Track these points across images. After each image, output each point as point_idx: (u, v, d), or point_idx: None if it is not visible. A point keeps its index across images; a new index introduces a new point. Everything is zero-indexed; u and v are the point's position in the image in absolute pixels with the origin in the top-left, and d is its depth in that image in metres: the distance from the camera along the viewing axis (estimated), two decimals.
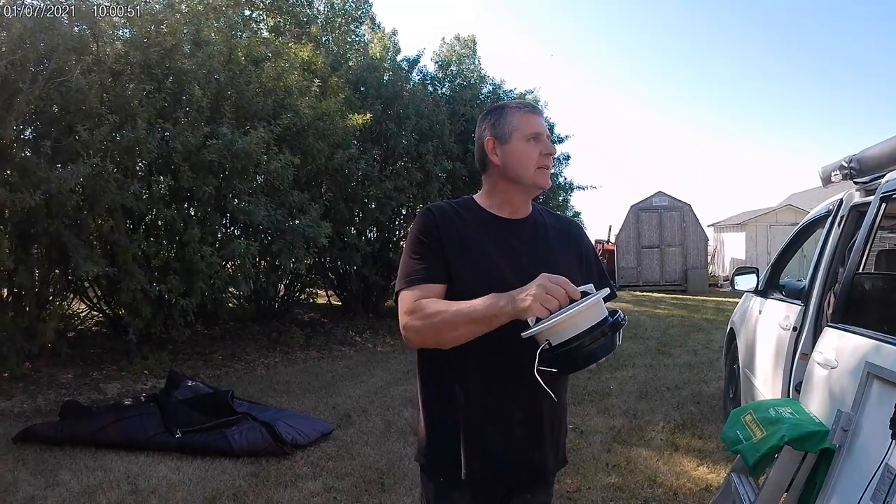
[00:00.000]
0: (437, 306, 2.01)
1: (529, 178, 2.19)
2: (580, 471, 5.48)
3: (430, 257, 2.12)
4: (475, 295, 1.96)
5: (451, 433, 2.16)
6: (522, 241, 2.24)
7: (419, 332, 2.03)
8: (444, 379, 2.17)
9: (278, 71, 10.80)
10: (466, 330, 1.96)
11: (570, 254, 2.33)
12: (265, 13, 17.09)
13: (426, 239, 2.15)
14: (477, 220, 2.23)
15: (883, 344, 2.86)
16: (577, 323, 1.75)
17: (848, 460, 2.77)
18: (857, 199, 4.20)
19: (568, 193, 17.93)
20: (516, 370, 2.01)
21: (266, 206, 9.53)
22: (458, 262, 2.12)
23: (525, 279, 1.94)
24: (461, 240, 2.16)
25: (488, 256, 2.16)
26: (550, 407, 2.21)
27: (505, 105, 2.28)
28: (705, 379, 8.96)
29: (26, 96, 7.32)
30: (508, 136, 2.20)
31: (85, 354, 9.42)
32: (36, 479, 5.33)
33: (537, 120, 2.22)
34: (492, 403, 2.13)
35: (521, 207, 2.28)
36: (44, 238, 7.84)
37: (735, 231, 27.47)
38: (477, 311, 1.91)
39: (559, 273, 2.10)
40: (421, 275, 2.10)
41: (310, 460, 5.82)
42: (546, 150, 2.20)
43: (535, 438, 2.20)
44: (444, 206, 2.27)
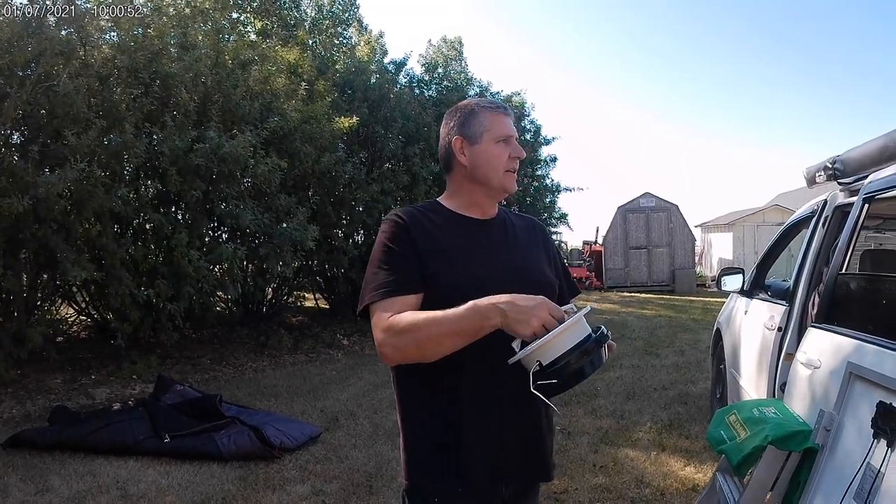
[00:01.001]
0: (416, 320, 1.90)
1: (497, 180, 2.14)
2: (567, 471, 5.51)
3: (403, 267, 2.03)
4: (456, 301, 1.87)
5: (442, 445, 2.05)
6: (496, 243, 2.18)
7: (399, 349, 1.93)
8: (430, 387, 2.05)
9: (265, 74, 10.81)
10: (451, 343, 1.88)
11: (541, 254, 2.29)
12: (252, 16, 17.09)
13: (398, 247, 2.05)
14: (447, 223, 2.15)
15: (864, 344, 2.89)
16: (564, 341, 1.74)
17: (831, 459, 2.79)
18: (842, 199, 4.23)
19: (555, 195, 18.00)
20: (510, 367, 1.87)
21: (253, 209, 9.53)
22: (436, 269, 2.03)
23: (506, 281, 1.94)
24: (436, 244, 2.07)
25: (467, 260, 2.09)
26: (545, 405, 2.09)
27: (474, 103, 2.22)
28: (692, 379, 9.00)
29: (14, 101, 7.32)
30: (479, 136, 2.14)
31: (73, 359, 9.40)
32: (26, 485, 5.33)
33: (508, 121, 2.18)
34: (487, 404, 2.04)
35: (488, 209, 2.23)
36: (31, 243, 7.82)
37: (722, 231, 27.60)
38: (462, 325, 1.84)
39: (535, 273, 2.19)
40: (394, 286, 2.00)
41: (298, 464, 5.84)
42: (515, 154, 2.15)
43: (535, 435, 2.15)
44: (412, 210, 2.17)
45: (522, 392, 1.89)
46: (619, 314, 16.93)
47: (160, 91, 9.05)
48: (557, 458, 5.62)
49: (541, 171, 18.17)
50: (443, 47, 21.56)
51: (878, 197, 3.40)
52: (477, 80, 17.44)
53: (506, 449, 2.07)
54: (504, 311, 1.77)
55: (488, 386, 2.02)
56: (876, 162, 3.54)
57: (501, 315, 1.78)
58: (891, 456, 2.36)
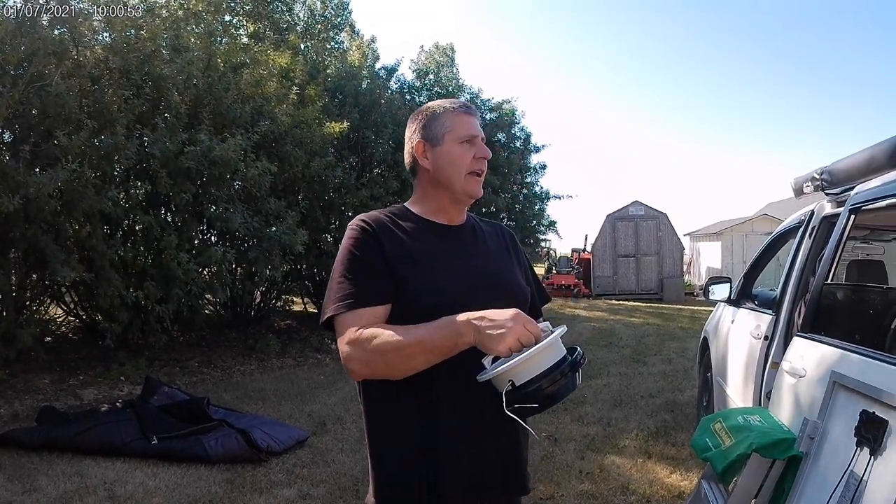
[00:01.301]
0: (386, 336, 1.79)
1: (460, 184, 2.04)
2: (553, 478, 5.53)
3: (370, 276, 1.92)
4: (428, 311, 1.81)
5: (416, 458, 1.93)
6: (468, 250, 2.10)
7: (367, 364, 1.83)
8: (402, 396, 1.92)
9: (257, 78, 10.83)
10: (423, 360, 1.78)
11: (511, 260, 2.21)
12: (245, 19, 17.10)
13: (364, 255, 1.94)
14: (417, 229, 2.05)
15: (848, 353, 2.93)
16: (539, 362, 1.66)
17: (814, 467, 2.83)
18: (829, 210, 4.27)
19: (544, 203, 18.05)
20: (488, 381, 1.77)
21: (243, 213, 9.54)
22: (406, 277, 1.92)
23: (479, 289, 1.91)
24: (406, 251, 1.97)
25: (438, 268, 1.99)
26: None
27: (436, 105, 2.12)
28: (680, 387, 9.04)
29: (6, 100, 7.31)
30: (440, 137, 2.05)
31: (62, 360, 9.38)
32: (13, 485, 5.33)
33: (472, 121, 2.07)
34: (466, 416, 1.93)
35: (455, 216, 2.12)
36: (21, 243, 7.82)
37: (711, 240, 27.66)
38: (434, 342, 1.75)
39: (510, 280, 2.12)
40: (361, 297, 1.88)
41: (285, 467, 5.84)
42: (480, 154, 2.05)
43: (514, 448, 2.05)
44: (380, 215, 2.06)
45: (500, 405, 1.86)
46: (606, 322, 16.98)
47: (152, 93, 9.06)
48: (544, 464, 5.68)
49: (530, 179, 18.25)
50: (435, 53, 21.65)
51: (864, 208, 3.43)
52: (468, 87, 17.53)
53: (485, 463, 1.97)
54: (477, 328, 1.70)
55: (468, 397, 1.89)
56: (863, 173, 3.57)
57: (475, 331, 1.70)
58: (873, 464, 2.39)
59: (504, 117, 17.09)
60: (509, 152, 17.10)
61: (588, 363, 9.25)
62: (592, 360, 11.14)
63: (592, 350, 12.20)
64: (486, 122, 17.01)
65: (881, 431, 2.40)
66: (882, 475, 2.33)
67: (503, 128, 17.18)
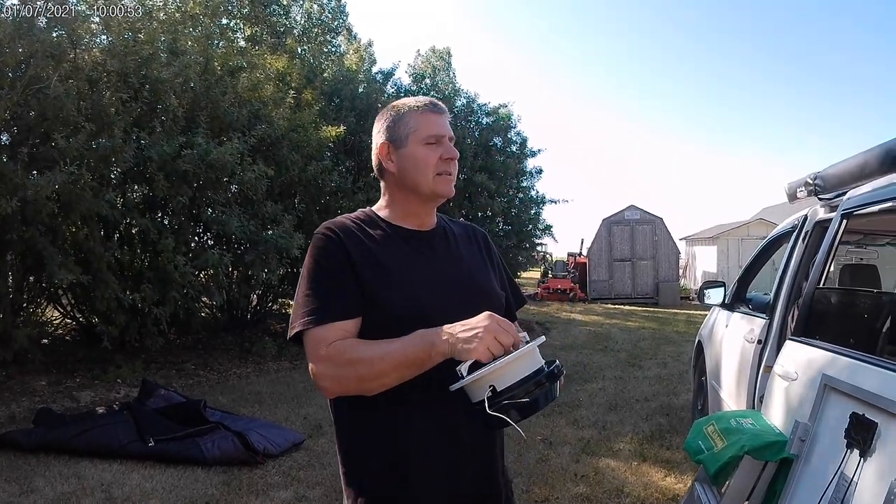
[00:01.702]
0: (357, 351, 1.75)
1: (427, 185, 1.94)
2: (549, 481, 5.56)
3: (337, 289, 1.83)
4: (400, 323, 1.75)
5: (389, 473, 1.86)
6: (440, 255, 2.00)
7: (339, 382, 1.78)
8: (375, 409, 1.84)
9: (253, 82, 10.85)
10: (396, 375, 1.72)
11: (485, 264, 2.12)
12: (242, 22, 17.13)
13: (331, 266, 1.85)
14: (385, 236, 1.96)
15: (839, 356, 2.96)
16: (517, 370, 1.62)
17: (805, 469, 2.86)
18: (822, 215, 4.30)
19: (540, 207, 18.07)
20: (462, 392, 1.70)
21: (239, 216, 9.57)
22: (375, 287, 1.84)
23: (453, 297, 1.84)
24: (376, 261, 1.88)
25: (409, 277, 1.90)
26: (499, 433, 2.00)
27: (401, 104, 2.02)
28: (675, 391, 9.07)
29: (4, 102, 7.35)
30: (404, 138, 1.95)
31: (58, 362, 9.39)
32: (10, 486, 5.35)
33: (439, 120, 1.97)
34: (440, 429, 1.86)
35: (425, 219, 2.04)
36: (18, 245, 7.84)
37: (707, 244, 27.72)
38: (408, 356, 1.69)
39: (484, 286, 2.03)
40: (329, 312, 1.79)
41: (281, 469, 5.87)
42: (447, 154, 1.94)
43: (490, 460, 1.99)
44: (345, 222, 1.96)
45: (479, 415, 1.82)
46: (602, 326, 17.00)
47: (149, 96, 9.09)
48: (539, 467, 5.70)
49: (526, 183, 18.27)
50: (431, 57, 21.68)
51: (856, 213, 3.46)
52: (464, 91, 17.53)
53: (461, 477, 1.91)
54: (451, 335, 1.65)
55: (440, 411, 1.84)
56: (855, 178, 3.59)
57: (449, 340, 1.65)
58: (863, 465, 2.42)
59: (500, 122, 17.11)
60: (505, 156, 17.12)
61: (583, 367, 9.30)
62: (588, 363, 11.18)
63: (588, 354, 12.24)
64: (482, 126, 17.04)
65: (870, 433, 2.43)
66: (871, 477, 2.36)
67: (499, 132, 17.20)
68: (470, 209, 15.86)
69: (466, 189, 15.50)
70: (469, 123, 16.85)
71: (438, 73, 20.10)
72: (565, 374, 1.74)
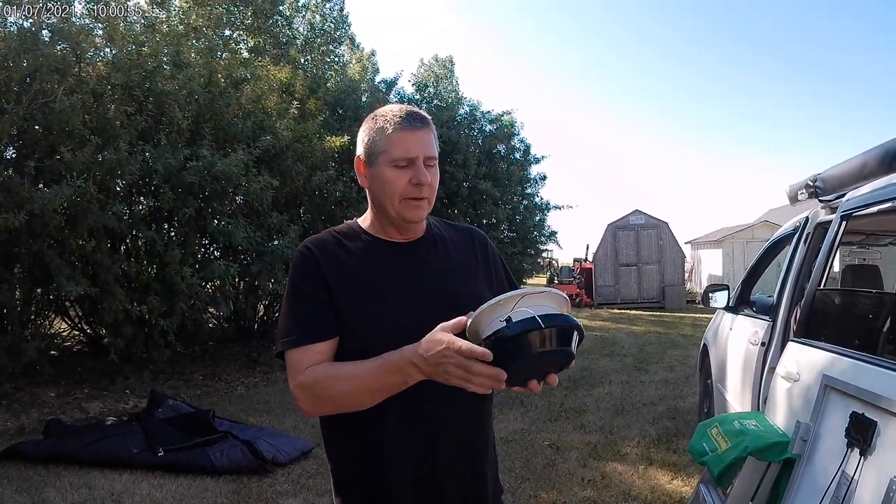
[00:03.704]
0: (331, 380, 1.74)
1: (393, 209, 1.86)
2: (556, 485, 5.59)
3: (311, 311, 1.82)
4: (378, 342, 1.70)
5: (373, 488, 1.88)
6: (423, 269, 1.93)
7: (315, 406, 1.79)
8: (354, 423, 1.84)
9: (257, 93, 10.91)
10: (372, 399, 1.71)
11: (477, 270, 2.03)
12: (245, 33, 17.19)
13: (306, 287, 1.84)
14: (365, 250, 1.92)
15: (839, 357, 3.00)
16: (535, 306, 1.51)
17: (807, 469, 2.89)
18: (823, 216, 4.31)
19: (544, 213, 18.09)
20: (445, 396, 1.70)
21: (245, 227, 9.61)
22: (352, 305, 1.82)
23: (434, 315, 1.66)
24: (352, 279, 1.85)
25: (387, 293, 1.85)
26: (482, 434, 1.97)
27: (382, 114, 1.92)
28: (681, 395, 9.08)
29: (10, 117, 7.41)
30: (376, 156, 1.87)
31: (67, 373, 9.44)
32: (21, 497, 5.39)
33: (413, 139, 1.84)
34: (415, 441, 1.84)
35: (409, 231, 1.95)
36: (26, 258, 7.90)
37: (712, 248, 27.71)
38: (382, 383, 1.66)
39: (470, 296, 1.79)
40: (304, 334, 1.80)
41: (290, 478, 5.90)
42: (416, 179, 1.82)
43: (473, 473, 1.94)
44: (326, 238, 1.94)
45: (460, 423, 1.85)
46: (609, 331, 17.02)
47: (154, 109, 9.16)
48: (546, 472, 5.73)
49: (530, 190, 18.30)
50: (434, 66, 21.71)
51: (855, 214, 3.49)
52: (467, 99, 17.58)
53: (443, 485, 1.87)
54: (421, 370, 1.59)
55: (418, 416, 1.82)
56: (855, 179, 3.61)
57: (419, 373, 1.60)
58: (863, 464, 2.45)
59: (503, 129, 17.15)
60: (509, 164, 17.16)
61: (589, 372, 9.32)
62: (594, 368, 11.19)
63: (594, 359, 12.25)
64: (485, 134, 17.08)
65: (870, 432, 2.46)
66: (871, 475, 2.39)
67: (503, 139, 17.24)
68: (475, 216, 15.87)
69: (471, 196, 15.54)
70: (472, 131, 16.89)
71: (441, 82, 20.15)
72: (573, 380, 1.67)
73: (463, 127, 16.43)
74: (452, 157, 15.07)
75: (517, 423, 7.60)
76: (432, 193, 1.88)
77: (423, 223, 1.99)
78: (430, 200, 1.88)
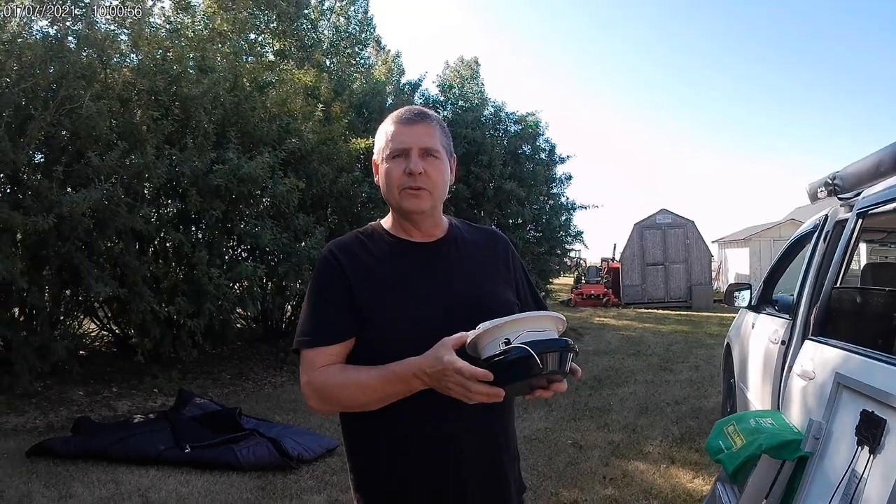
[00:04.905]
0: (341, 384, 1.82)
1: (395, 202, 1.92)
2: (578, 483, 5.62)
3: (329, 313, 1.88)
4: (403, 342, 1.76)
5: (391, 486, 1.90)
6: (444, 270, 1.97)
7: (323, 405, 1.88)
8: (373, 423, 1.89)
9: (282, 97, 11.00)
10: (376, 404, 1.79)
11: (496, 273, 2.06)
12: (270, 37, 17.32)
13: (326, 290, 1.91)
14: (387, 251, 1.96)
15: (852, 355, 3.01)
16: (532, 329, 1.63)
17: (819, 467, 2.90)
18: (842, 214, 4.30)
19: (570, 213, 18.05)
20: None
21: (272, 229, 9.69)
22: (371, 306, 1.86)
23: (453, 315, 1.78)
24: (373, 279, 1.90)
25: (407, 295, 1.89)
26: (504, 431, 2.00)
27: (389, 117, 2.00)
28: (706, 394, 9.07)
29: (39, 122, 7.55)
30: (381, 154, 1.95)
31: (95, 373, 9.55)
32: (49, 491, 5.49)
33: (408, 132, 1.91)
34: (434, 441, 1.86)
35: (428, 230, 2.00)
36: (55, 260, 8.03)
37: (739, 247, 27.56)
38: (388, 391, 1.75)
39: (490, 300, 1.92)
40: (319, 336, 1.87)
41: (315, 474, 5.97)
42: (408, 169, 1.87)
43: (497, 474, 1.97)
44: (348, 241, 1.99)
45: (482, 421, 1.87)
46: (635, 330, 16.99)
47: (180, 113, 9.27)
48: (568, 470, 5.77)
49: (556, 190, 18.25)
50: (460, 67, 21.73)
51: (871, 212, 3.50)
52: (492, 100, 17.55)
53: (464, 485, 1.89)
54: (424, 382, 1.69)
55: (436, 417, 1.85)
56: (872, 177, 3.59)
57: (423, 384, 1.70)
58: (873, 462, 2.46)
59: (528, 129, 17.12)
60: (534, 164, 17.13)
61: (615, 371, 9.32)
62: (620, 368, 11.19)
63: (620, 358, 12.25)
64: (510, 134, 17.06)
65: (880, 430, 2.47)
66: (880, 473, 2.40)
67: (528, 140, 17.20)
68: (501, 217, 15.85)
69: (497, 197, 15.53)
70: (497, 132, 16.87)
71: (466, 83, 20.15)
72: (598, 380, 1.73)
73: (488, 128, 16.41)
74: (478, 158, 15.08)
75: (541, 422, 7.63)
76: (433, 185, 1.92)
77: (445, 224, 2.04)
78: (433, 192, 1.92)
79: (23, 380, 7.86)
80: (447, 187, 2.00)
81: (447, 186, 2.00)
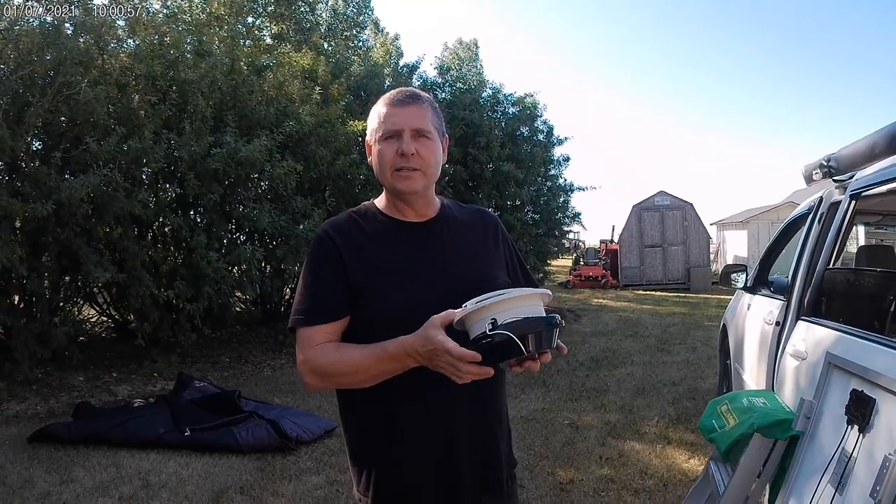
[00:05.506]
0: (334, 363, 1.87)
1: (388, 183, 1.96)
2: (574, 463, 5.68)
3: (324, 292, 1.92)
4: (397, 321, 1.80)
5: (384, 463, 1.96)
6: (436, 249, 2.01)
7: (318, 382, 1.93)
8: (369, 399, 1.93)
9: (280, 80, 10.99)
10: (370, 382, 1.84)
11: (488, 253, 2.11)
12: (268, 20, 17.27)
13: (321, 270, 1.94)
14: (381, 231, 2.00)
15: (843, 335, 3.05)
16: (517, 309, 1.66)
17: (810, 446, 2.94)
18: (836, 196, 4.33)
19: (568, 195, 18.05)
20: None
21: (270, 212, 9.70)
22: (367, 285, 1.91)
23: (445, 292, 1.81)
24: (367, 258, 1.94)
25: (401, 273, 1.93)
26: (495, 407, 2.05)
27: (380, 99, 2.03)
28: (702, 375, 9.13)
29: (36, 109, 7.55)
30: (373, 136, 1.98)
31: (95, 358, 9.59)
32: (50, 476, 5.54)
33: (400, 113, 1.94)
34: (430, 418, 1.92)
35: (421, 210, 2.04)
36: (54, 246, 8.04)
37: (737, 229, 27.63)
38: (381, 369, 1.80)
39: (483, 279, 1.92)
40: (313, 314, 1.91)
41: (313, 455, 6.02)
42: (400, 150, 1.91)
43: (491, 446, 2.03)
44: (343, 221, 2.02)
45: (473, 397, 1.90)
46: (633, 312, 17.03)
47: (177, 98, 9.26)
48: (565, 450, 5.81)
49: (554, 171, 18.24)
50: (458, 49, 21.66)
51: (864, 194, 3.52)
52: (490, 82, 17.50)
53: (458, 463, 1.95)
54: (416, 360, 1.74)
55: (431, 394, 1.89)
56: (866, 159, 3.61)
57: (415, 362, 1.75)
58: (862, 441, 2.50)
59: (526, 111, 17.09)
60: (532, 145, 17.10)
61: (612, 353, 9.37)
62: (617, 349, 11.25)
63: (618, 340, 12.31)
64: (508, 116, 17.03)
65: (869, 409, 2.51)
66: (869, 452, 2.44)
67: (525, 121, 17.16)
68: (498, 199, 15.84)
69: (494, 179, 15.51)
70: (495, 114, 16.84)
71: (465, 65, 20.09)
72: (595, 360, 1.77)
73: (486, 110, 16.37)
74: (476, 140, 15.06)
75: (538, 402, 7.69)
76: (425, 165, 1.96)
77: (437, 204, 2.09)
78: (426, 172, 1.97)
79: (23, 366, 7.88)
80: (440, 167, 2.05)
81: (440, 166, 2.04)
